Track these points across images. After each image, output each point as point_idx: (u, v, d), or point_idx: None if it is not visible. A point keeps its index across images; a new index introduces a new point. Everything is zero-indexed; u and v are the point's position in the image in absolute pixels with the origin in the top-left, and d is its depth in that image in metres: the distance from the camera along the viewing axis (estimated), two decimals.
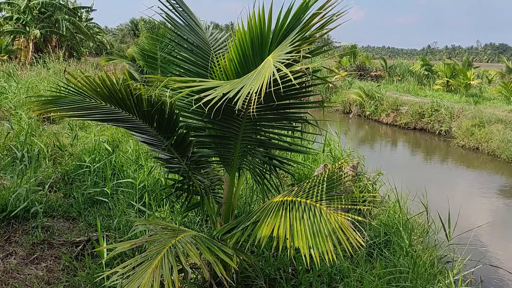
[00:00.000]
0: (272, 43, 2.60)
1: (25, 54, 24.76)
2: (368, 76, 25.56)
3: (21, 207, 4.21)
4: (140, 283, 2.26)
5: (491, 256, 5.39)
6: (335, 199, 2.62)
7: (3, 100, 9.31)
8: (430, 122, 14.55)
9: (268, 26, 2.55)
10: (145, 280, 2.27)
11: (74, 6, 28.88)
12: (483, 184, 9.46)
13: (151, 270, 2.33)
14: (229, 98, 2.17)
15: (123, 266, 2.44)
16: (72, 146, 6.38)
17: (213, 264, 2.43)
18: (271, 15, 2.51)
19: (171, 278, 2.28)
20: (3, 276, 3.33)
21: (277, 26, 2.56)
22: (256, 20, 2.52)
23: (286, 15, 2.52)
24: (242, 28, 2.62)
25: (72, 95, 2.77)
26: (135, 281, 2.31)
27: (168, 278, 2.27)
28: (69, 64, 16.25)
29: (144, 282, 2.25)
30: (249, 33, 2.58)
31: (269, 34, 2.58)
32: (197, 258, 2.43)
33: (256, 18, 2.52)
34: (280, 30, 2.57)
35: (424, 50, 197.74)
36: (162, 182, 5.04)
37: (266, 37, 2.60)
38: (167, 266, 2.36)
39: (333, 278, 3.65)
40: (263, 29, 2.56)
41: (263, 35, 2.59)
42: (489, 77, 25.60)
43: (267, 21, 2.53)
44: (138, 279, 2.31)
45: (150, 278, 2.27)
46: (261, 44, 2.62)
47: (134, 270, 2.42)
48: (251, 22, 2.54)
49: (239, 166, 3.27)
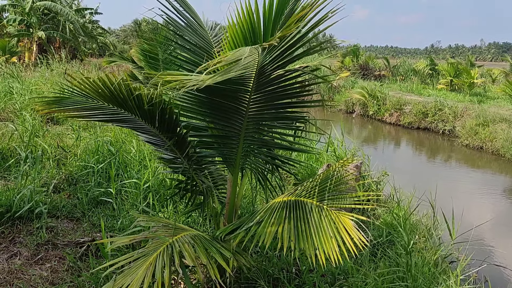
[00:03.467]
0: (265, 37, 2.59)
1: (29, 56, 24.88)
2: (371, 75, 25.51)
3: (25, 208, 4.23)
4: (133, 278, 2.27)
5: (496, 255, 5.36)
6: (338, 198, 2.62)
7: (8, 101, 9.34)
8: (433, 121, 14.50)
9: (257, 21, 2.54)
10: (138, 276, 2.27)
11: (78, 7, 29.01)
12: (488, 183, 9.41)
13: (145, 267, 2.34)
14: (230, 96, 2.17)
15: (121, 260, 2.44)
16: (76, 147, 6.39)
17: (208, 266, 2.42)
18: (258, 10, 2.49)
19: (161, 278, 2.28)
20: (8, 277, 3.34)
21: (265, 20, 2.55)
22: (245, 15, 2.51)
23: (270, 9, 2.50)
24: (233, 24, 2.62)
25: (76, 96, 2.78)
26: (129, 276, 2.32)
27: (159, 278, 2.27)
28: (72, 65, 16.30)
29: (137, 278, 2.26)
30: (240, 29, 2.58)
31: (260, 29, 2.58)
32: (191, 259, 2.42)
33: (244, 13, 2.51)
34: (269, 25, 2.56)
35: (427, 49, 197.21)
36: (166, 183, 5.05)
37: (258, 33, 2.59)
38: (160, 265, 2.36)
39: (337, 278, 3.65)
40: (254, 25, 2.56)
41: (255, 31, 2.58)
42: (493, 76, 25.49)
43: (255, 16, 2.52)
44: (131, 275, 2.32)
45: (143, 274, 2.28)
46: (254, 40, 2.62)
47: (130, 265, 2.43)
48: (240, 18, 2.54)
49: (242, 166, 3.27)
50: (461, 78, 19.81)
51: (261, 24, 2.56)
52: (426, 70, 23.67)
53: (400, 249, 4.06)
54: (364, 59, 28.15)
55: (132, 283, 2.24)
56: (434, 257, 3.99)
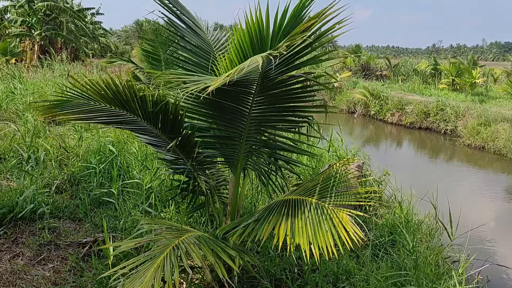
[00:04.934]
0: (272, 44, 2.60)
1: (31, 57, 24.91)
2: (373, 75, 25.49)
3: (27, 208, 4.24)
4: (142, 282, 2.26)
5: (498, 255, 5.35)
6: (339, 196, 2.62)
7: (10, 102, 9.37)
8: (435, 121, 14.48)
9: (266, 26, 2.55)
10: (146, 279, 2.26)
11: (79, 8, 29.04)
12: (489, 183, 9.40)
13: (153, 270, 2.32)
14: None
15: (127, 265, 2.44)
16: (78, 148, 6.41)
17: (215, 266, 2.42)
18: (268, 15, 2.50)
19: (172, 279, 2.27)
20: (11, 277, 3.35)
21: (275, 26, 2.56)
22: (253, 20, 2.52)
23: (283, 16, 2.51)
24: (240, 29, 2.62)
25: (77, 99, 2.79)
26: (137, 280, 2.31)
27: (169, 279, 2.27)
28: (73, 66, 16.32)
29: (146, 281, 2.25)
30: (247, 33, 2.58)
31: (268, 34, 2.58)
32: (199, 260, 2.43)
33: (253, 18, 2.52)
34: (279, 31, 2.57)
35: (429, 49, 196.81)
36: (168, 183, 5.05)
37: (266, 38, 2.60)
38: (169, 267, 2.35)
39: (339, 278, 3.65)
40: (261, 30, 2.56)
41: (262, 36, 2.59)
42: (494, 75, 25.44)
43: (265, 21, 2.52)
44: (140, 278, 2.31)
45: (152, 278, 2.27)
46: (261, 45, 2.62)
47: (137, 269, 2.42)
48: (249, 23, 2.54)
49: (244, 166, 3.27)
50: (463, 78, 19.77)
51: (270, 30, 2.57)
52: (428, 70, 23.63)
53: (402, 250, 4.05)
54: (366, 59, 28.13)
55: (141, 287, 2.23)
56: (436, 258, 3.99)
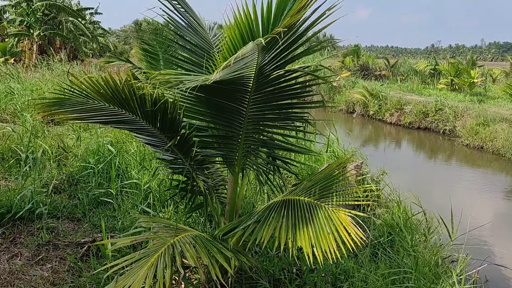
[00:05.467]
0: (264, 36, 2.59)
1: (29, 56, 24.87)
2: (372, 75, 25.50)
3: (26, 208, 4.23)
4: (135, 279, 2.26)
5: (496, 255, 5.36)
6: (336, 195, 2.62)
7: (8, 102, 9.35)
8: (434, 121, 14.49)
9: (255, 21, 2.54)
10: (139, 276, 2.27)
11: (78, 7, 29.00)
12: (488, 183, 9.41)
13: (146, 268, 2.33)
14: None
15: (122, 261, 2.44)
16: (77, 148, 6.40)
17: (209, 267, 2.42)
18: (255, 10, 2.49)
19: (163, 279, 2.28)
20: (9, 277, 3.35)
21: (263, 21, 2.55)
22: (242, 16, 2.52)
23: (268, 9, 2.50)
24: (230, 25, 2.62)
25: (76, 97, 2.78)
26: (130, 277, 2.31)
27: (160, 278, 2.27)
28: (73, 66, 16.30)
29: (138, 278, 2.26)
30: (237, 30, 2.58)
31: (258, 29, 2.58)
32: (193, 260, 2.42)
33: (241, 14, 2.51)
34: (268, 25, 2.56)
35: (427, 49, 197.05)
36: (166, 183, 5.05)
37: (256, 33, 2.59)
38: (162, 266, 2.36)
39: (338, 278, 3.65)
40: (251, 25, 2.55)
41: (253, 31, 2.58)
42: (493, 75, 25.46)
43: (253, 16, 2.51)
44: (133, 276, 2.32)
45: (144, 275, 2.28)
46: (252, 40, 2.61)
47: (132, 266, 2.43)
48: (237, 19, 2.54)
49: (242, 166, 3.27)
50: (462, 78, 19.79)
51: (259, 25, 2.56)
52: (427, 70, 23.64)
53: (401, 249, 4.05)
54: (365, 59, 28.14)
55: (134, 284, 2.23)
56: (435, 257, 3.99)
